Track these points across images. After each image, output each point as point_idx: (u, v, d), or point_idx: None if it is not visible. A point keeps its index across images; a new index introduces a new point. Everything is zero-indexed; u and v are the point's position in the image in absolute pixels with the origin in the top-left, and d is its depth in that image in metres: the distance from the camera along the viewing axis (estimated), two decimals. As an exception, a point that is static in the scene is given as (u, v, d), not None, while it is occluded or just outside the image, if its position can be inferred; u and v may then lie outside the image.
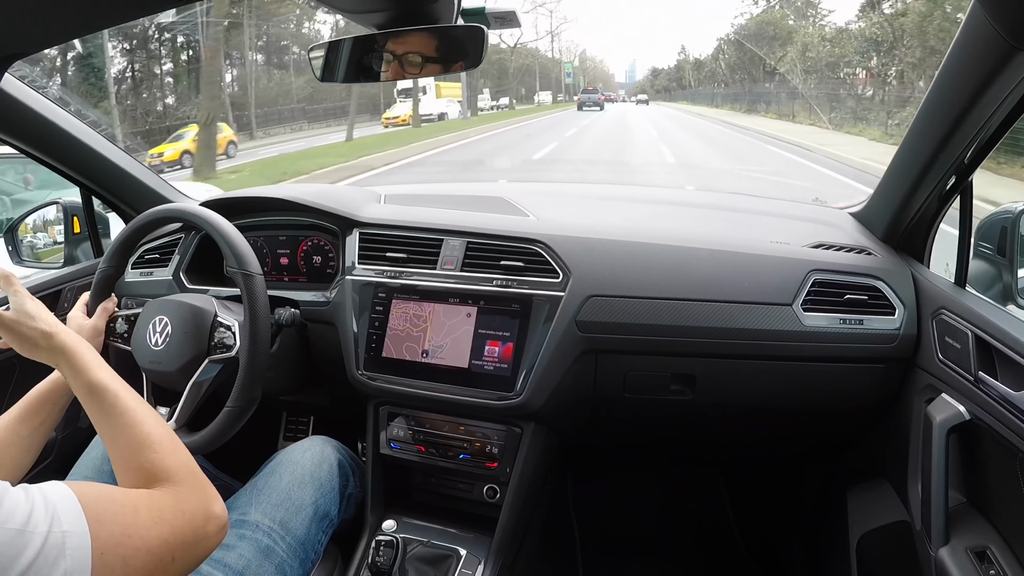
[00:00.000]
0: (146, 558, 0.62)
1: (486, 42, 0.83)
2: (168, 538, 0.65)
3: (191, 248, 1.47)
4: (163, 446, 0.75)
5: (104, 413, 0.78)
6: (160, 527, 0.65)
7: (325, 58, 0.92)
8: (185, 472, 0.74)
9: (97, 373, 0.81)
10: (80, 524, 0.57)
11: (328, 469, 1.18)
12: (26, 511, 0.55)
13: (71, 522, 0.57)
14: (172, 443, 0.77)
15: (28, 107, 1.25)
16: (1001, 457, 0.94)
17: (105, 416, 0.78)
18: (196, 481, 0.74)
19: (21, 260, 1.61)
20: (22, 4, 0.73)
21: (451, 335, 1.23)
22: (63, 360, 0.83)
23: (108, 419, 0.78)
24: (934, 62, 16.74)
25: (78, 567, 0.55)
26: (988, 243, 1.10)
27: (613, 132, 21.80)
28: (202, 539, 0.70)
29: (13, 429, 0.93)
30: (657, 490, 1.97)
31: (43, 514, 0.56)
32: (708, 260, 1.25)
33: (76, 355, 0.82)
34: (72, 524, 0.57)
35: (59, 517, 0.56)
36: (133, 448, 0.75)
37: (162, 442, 0.76)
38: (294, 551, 1.06)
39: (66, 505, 0.58)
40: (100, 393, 0.79)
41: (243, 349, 1.11)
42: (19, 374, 1.40)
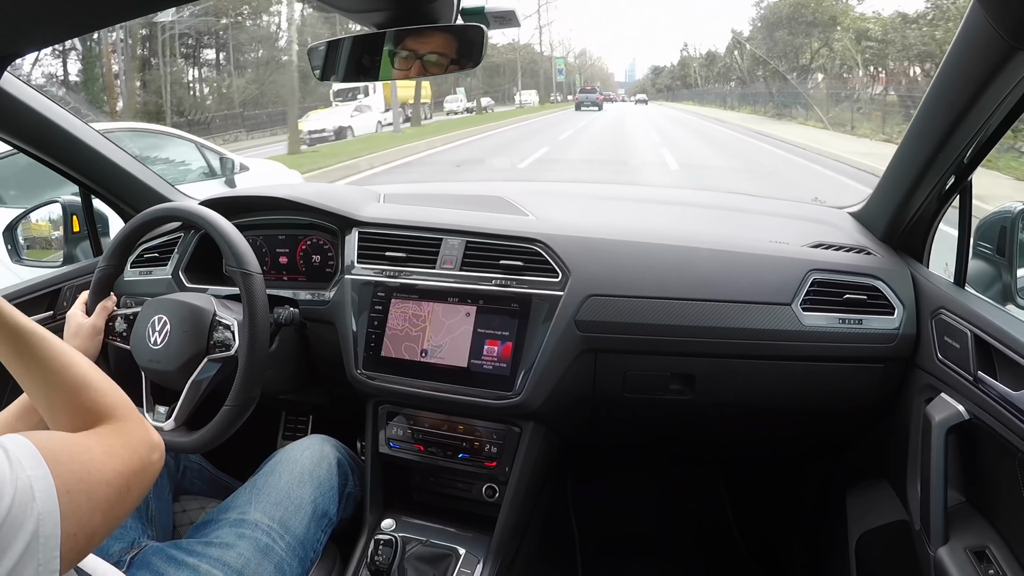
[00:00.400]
0: (107, 491, 0.65)
1: (486, 42, 0.83)
2: (122, 469, 0.68)
3: (190, 247, 1.47)
4: (100, 384, 0.77)
5: (32, 359, 0.77)
6: (113, 461, 0.67)
7: (325, 57, 0.92)
8: (125, 407, 0.76)
9: (19, 317, 0.80)
10: (42, 468, 0.59)
11: (327, 468, 1.18)
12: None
13: (33, 467, 0.59)
14: (106, 381, 0.78)
15: (27, 106, 1.25)
16: (1000, 457, 0.94)
17: (34, 362, 0.77)
18: (135, 416, 0.77)
19: (20, 259, 1.60)
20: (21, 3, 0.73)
21: (450, 335, 1.23)
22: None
23: (38, 365, 0.77)
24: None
25: (48, 509, 0.57)
26: (987, 243, 1.10)
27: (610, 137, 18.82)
28: (148, 466, 0.73)
29: (11, 426, 0.93)
30: (657, 490, 1.96)
31: (7, 465, 0.57)
32: (707, 260, 1.25)
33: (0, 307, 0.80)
34: (34, 468, 0.59)
35: (23, 464, 0.58)
36: (71, 388, 0.75)
37: (98, 380, 0.77)
38: (293, 550, 1.06)
39: (26, 454, 0.60)
40: (26, 336, 0.78)
41: (242, 348, 1.11)
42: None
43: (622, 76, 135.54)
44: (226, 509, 1.09)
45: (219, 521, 1.06)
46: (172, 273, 1.45)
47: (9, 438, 0.61)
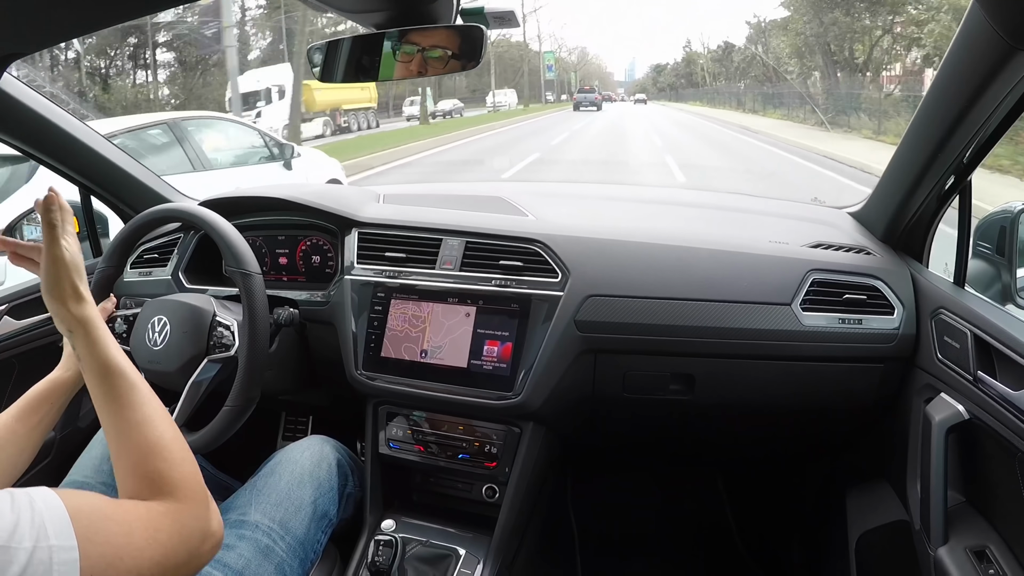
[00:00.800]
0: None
1: (485, 42, 0.83)
2: (161, 560, 0.62)
3: (190, 248, 1.47)
4: (173, 454, 0.71)
5: (116, 401, 0.73)
6: (154, 548, 0.62)
7: (324, 58, 0.92)
8: (191, 487, 0.70)
9: (115, 353, 0.76)
10: (69, 539, 0.54)
11: (327, 469, 1.18)
12: (11, 523, 0.52)
13: (59, 536, 0.54)
14: (182, 451, 0.73)
15: (27, 107, 1.25)
16: (1000, 457, 0.94)
17: (116, 405, 0.73)
18: (199, 497, 0.71)
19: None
20: (21, 4, 0.73)
21: (450, 335, 1.23)
22: (82, 329, 0.77)
23: (119, 410, 0.73)
24: None
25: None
26: (987, 243, 1.10)
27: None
28: (195, 558, 0.67)
29: (11, 428, 0.92)
30: (657, 490, 1.96)
31: (29, 527, 0.52)
32: (707, 260, 1.25)
33: (97, 330, 0.77)
34: (60, 538, 0.54)
35: (46, 530, 0.53)
36: (142, 451, 0.70)
37: (173, 449, 0.72)
38: (293, 551, 1.06)
39: (54, 518, 0.55)
40: (115, 377, 0.74)
41: (242, 348, 1.11)
42: (18, 375, 1.40)
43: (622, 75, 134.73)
44: (226, 510, 1.08)
45: None
46: (172, 274, 1.45)
47: (42, 495, 0.56)
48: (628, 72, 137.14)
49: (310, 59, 0.94)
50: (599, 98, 41.17)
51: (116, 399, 0.73)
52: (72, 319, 0.77)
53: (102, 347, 0.76)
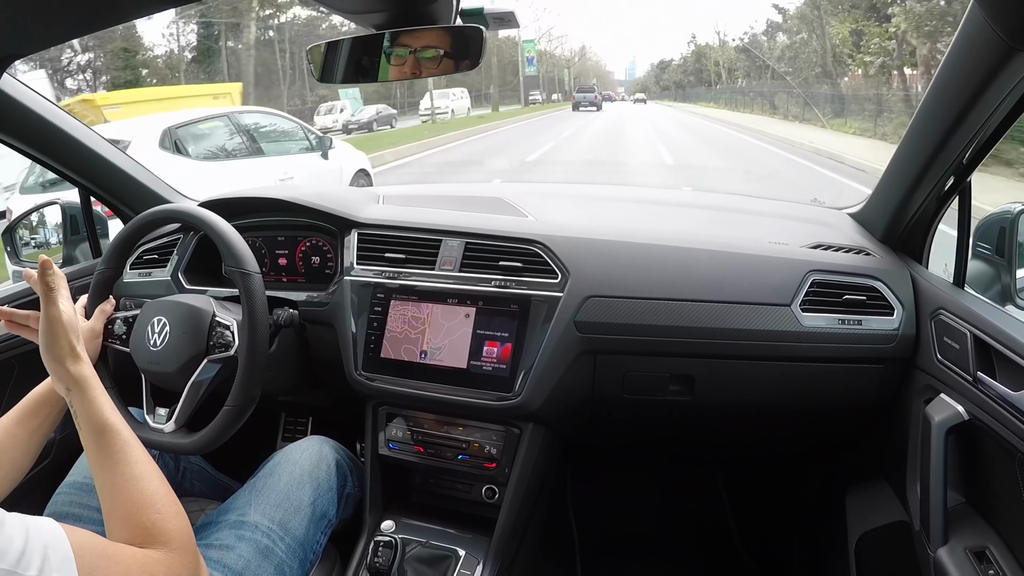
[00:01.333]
0: None
1: (485, 43, 0.83)
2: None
3: (189, 249, 1.47)
4: (167, 508, 0.75)
5: (109, 458, 0.76)
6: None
7: (324, 58, 0.92)
8: (183, 539, 0.74)
9: (110, 413, 0.80)
10: (71, 573, 0.57)
11: (326, 469, 1.18)
12: (19, 549, 0.55)
13: (61, 569, 0.56)
14: (174, 506, 0.76)
15: (27, 107, 1.25)
16: (1000, 457, 0.94)
17: (111, 462, 0.76)
18: (190, 549, 0.74)
19: (19, 260, 1.60)
20: (21, 5, 0.73)
21: (449, 337, 1.23)
22: (78, 389, 0.81)
23: (113, 466, 0.76)
24: None
25: None
26: (986, 244, 1.10)
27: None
28: None
29: (11, 431, 0.93)
30: (656, 490, 1.97)
31: (35, 555, 0.55)
32: (707, 261, 1.25)
33: (94, 389, 0.81)
34: (62, 572, 0.56)
35: (49, 562, 0.56)
36: (135, 504, 0.73)
37: (167, 503, 0.75)
38: (293, 551, 1.06)
39: (59, 551, 0.57)
40: (110, 436, 0.78)
41: (242, 348, 1.11)
42: (17, 376, 1.40)
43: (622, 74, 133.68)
44: (225, 511, 1.09)
45: (218, 523, 1.06)
46: (171, 275, 1.45)
47: (47, 526, 0.59)
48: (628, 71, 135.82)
49: (309, 60, 0.94)
50: (598, 98, 39.07)
51: (111, 456, 0.77)
52: (70, 378, 0.82)
53: (98, 406, 0.80)
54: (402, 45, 0.85)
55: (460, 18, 0.86)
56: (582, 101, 36.77)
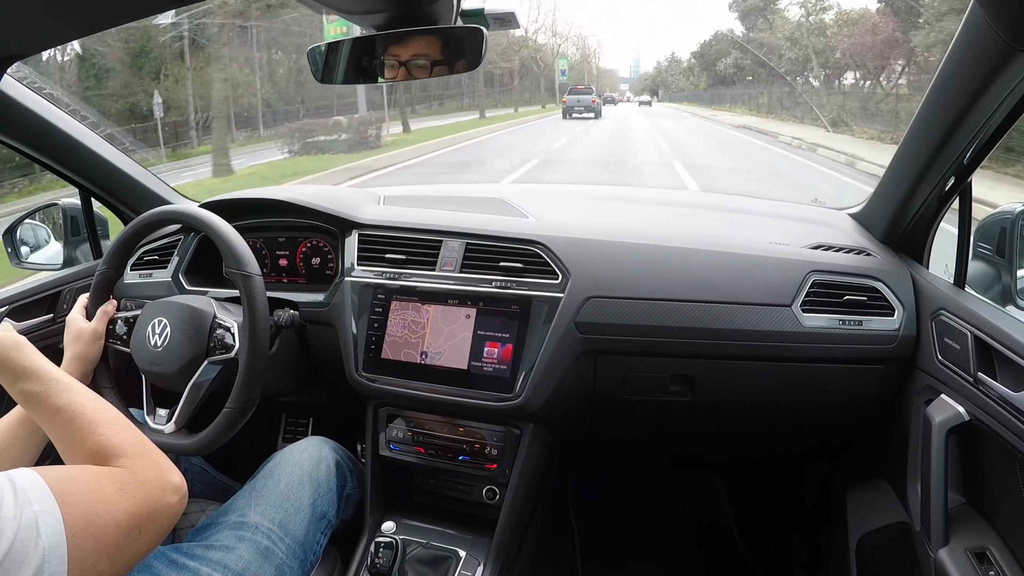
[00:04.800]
0: (115, 532, 0.64)
1: (485, 43, 0.83)
2: (133, 510, 0.67)
3: (190, 250, 1.47)
4: (108, 425, 0.77)
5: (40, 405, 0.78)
6: (124, 500, 0.67)
7: (324, 59, 0.92)
8: (136, 447, 0.76)
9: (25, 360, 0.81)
10: (50, 503, 0.59)
11: (325, 470, 1.18)
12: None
13: (41, 502, 0.59)
14: (117, 420, 0.78)
15: (27, 108, 1.25)
16: (1001, 458, 0.93)
17: (45, 418, 0.78)
18: (148, 454, 0.76)
19: (20, 262, 1.60)
20: (22, 6, 0.73)
21: (450, 340, 1.23)
22: (29, 402, 0.81)
23: (48, 419, 0.78)
24: None
25: (54, 544, 0.57)
26: (987, 244, 1.10)
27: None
28: (164, 508, 0.72)
29: (12, 431, 0.93)
30: (657, 490, 1.97)
31: (12, 499, 0.57)
32: (707, 261, 1.25)
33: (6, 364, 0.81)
34: (42, 504, 0.58)
35: (29, 499, 0.58)
36: (80, 436, 0.75)
37: (106, 421, 0.77)
38: (293, 552, 1.06)
39: (34, 487, 0.60)
40: (32, 399, 0.79)
41: (242, 350, 1.11)
42: None
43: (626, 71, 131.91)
44: (225, 512, 1.08)
45: (219, 524, 1.06)
46: (172, 276, 1.45)
47: (19, 471, 0.61)
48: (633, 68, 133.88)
49: (310, 61, 0.94)
50: (596, 101, 27.85)
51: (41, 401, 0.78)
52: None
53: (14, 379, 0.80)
54: (402, 46, 0.85)
55: (460, 19, 0.86)
56: (575, 106, 26.82)
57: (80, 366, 1.14)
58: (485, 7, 0.87)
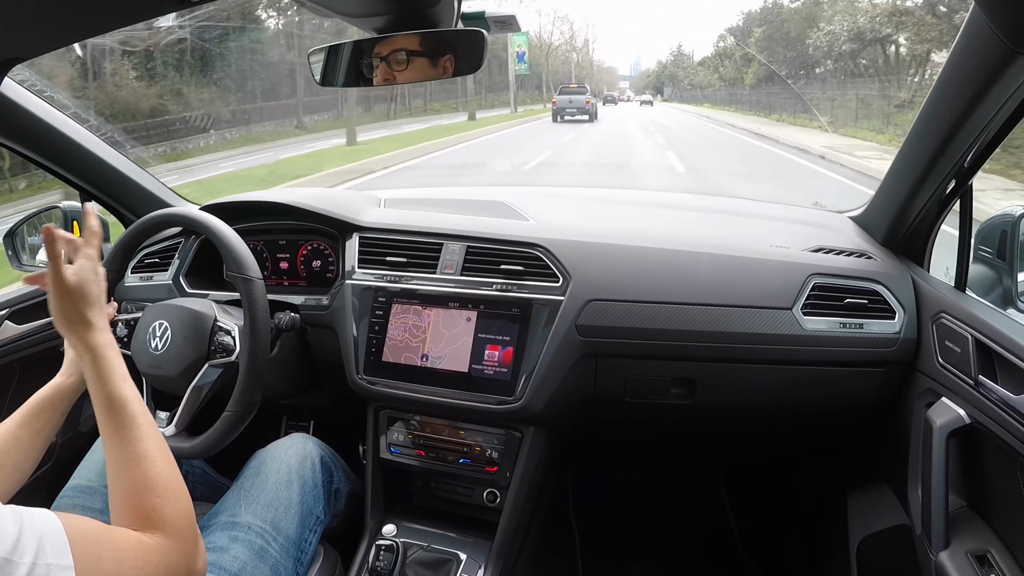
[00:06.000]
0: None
1: (486, 46, 0.83)
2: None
3: (191, 252, 1.47)
4: (168, 492, 0.74)
5: (117, 433, 0.76)
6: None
7: (325, 62, 0.92)
8: (182, 525, 0.73)
9: (121, 384, 0.79)
10: (66, 559, 0.57)
11: (311, 466, 1.18)
12: (13, 537, 0.55)
13: (56, 555, 0.56)
14: (177, 490, 0.75)
15: (28, 111, 1.25)
16: (1001, 461, 0.93)
17: (116, 437, 0.76)
18: (188, 536, 0.73)
19: (21, 265, 1.60)
20: (23, 8, 0.73)
21: (451, 343, 1.23)
22: (91, 357, 0.80)
23: (119, 442, 0.75)
24: None
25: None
26: (988, 247, 1.10)
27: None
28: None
29: (14, 434, 0.93)
30: (657, 491, 1.97)
31: (30, 543, 0.55)
32: (708, 264, 1.25)
33: (106, 359, 0.80)
34: (58, 558, 0.56)
35: (45, 548, 0.56)
36: (138, 485, 0.73)
37: (168, 487, 0.74)
38: (287, 551, 1.06)
39: (53, 537, 0.57)
40: (117, 408, 0.77)
41: (243, 354, 1.11)
42: (19, 377, 1.40)
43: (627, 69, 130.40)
44: (216, 513, 1.08)
45: (210, 526, 1.06)
46: (173, 278, 1.45)
47: (42, 515, 0.59)
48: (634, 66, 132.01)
49: (310, 63, 0.94)
50: (590, 102, 24.72)
51: (118, 430, 0.76)
52: (81, 346, 0.81)
53: (108, 376, 0.79)
54: (403, 49, 0.85)
55: (461, 21, 0.86)
56: (566, 107, 24.13)
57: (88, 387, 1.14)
58: (485, 10, 0.88)
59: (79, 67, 14.44)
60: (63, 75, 14.27)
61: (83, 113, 11.48)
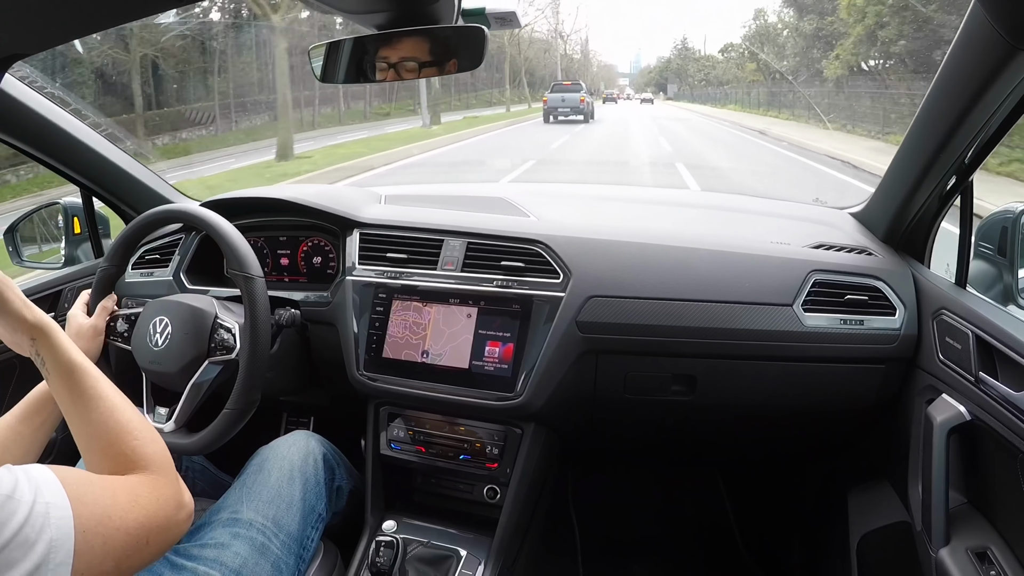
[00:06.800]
0: (124, 539, 0.65)
1: (486, 43, 0.83)
2: (144, 521, 0.68)
3: (191, 249, 1.47)
4: (143, 433, 0.78)
5: (80, 396, 0.78)
6: (137, 511, 0.68)
7: (325, 58, 0.92)
8: (162, 461, 0.77)
9: (75, 354, 0.81)
10: (62, 499, 0.60)
11: (313, 464, 1.18)
12: (12, 481, 0.58)
13: (53, 495, 0.60)
14: (150, 431, 0.79)
15: (28, 107, 1.25)
16: (1002, 458, 0.93)
17: (82, 400, 0.78)
18: (170, 470, 0.77)
19: (21, 260, 1.61)
20: (23, 4, 0.73)
21: (452, 341, 1.23)
22: (43, 336, 0.82)
23: (85, 403, 0.78)
24: None
25: (62, 536, 0.58)
26: (988, 243, 1.10)
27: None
28: (173, 525, 0.73)
29: (15, 429, 0.93)
30: (657, 490, 1.97)
31: (27, 487, 0.58)
32: (708, 261, 1.25)
33: (55, 333, 0.82)
34: (54, 497, 0.59)
35: (42, 491, 0.59)
36: (113, 434, 0.76)
37: (141, 429, 0.78)
38: (289, 548, 1.06)
39: (48, 482, 0.61)
40: (79, 374, 0.79)
41: (243, 351, 1.11)
42: (20, 374, 1.40)
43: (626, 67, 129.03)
44: (218, 510, 1.08)
45: (212, 522, 1.06)
46: (173, 274, 1.45)
47: (33, 467, 0.62)
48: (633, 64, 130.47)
49: (310, 60, 0.94)
50: (585, 100, 22.04)
51: (83, 394, 0.78)
52: (30, 328, 0.82)
53: (63, 350, 0.81)
54: (403, 45, 0.85)
55: (462, 18, 0.86)
56: (558, 106, 21.64)
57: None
58: (486, 7, 0.88)
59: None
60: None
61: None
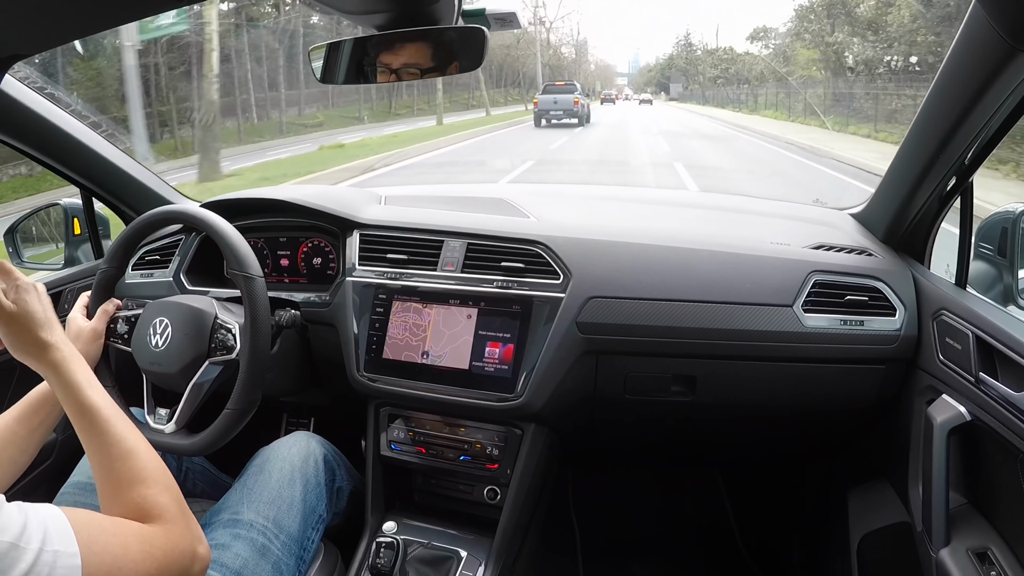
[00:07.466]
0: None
1: (486, 44, 0.83)
2: (155, 573, 0.66)
3: (191, 249, 1.47)
4: (157, 482, 0.76)
5: (94, 438, 0.77)
6: (148, 564, 0.66)
7: (325, 59, 0.92)
8: (177, 510, 0.75)
9: (89, 393, 0.80)
10: (72, 546, 0.58)
11: (314, 465, 1.18)
12: (20, 525, 0.56)
13: (62, 542, 0.58)
14: (165, 478, 0.77)
15: (28, 108, 1.25)
16: (1002, 458, 0.93)
17: (95, 442, 0.77)
18: (186, 520, 0.75)
19: (22, 261, 1.61)
20: (23, 4, 0.73)
21: (452, 341, 1.23)
22: (54, 375, 0.81)
23: (100, 447, 0.77)
24: None
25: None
26: (988, 244, 1.10)
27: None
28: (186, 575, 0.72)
29: (11, 429, 0.93)
30: (657, 490, 1.97)
31: (36, 531, 0.56)
32: (709, 261, 1.25)
33: (69, 373, 0.81)
34: (64, 544, 0.57)
35: (51, 536, 0.57)
36: (125, 481, 0.74)
37: (156, 477, 0.76)
38: (289, 549, 1.06)
39: (58, 527, 0.59)
40: (91, 415, 0.78)
41: (243, 352, 1.11)
42: (19, 375, 1.40)
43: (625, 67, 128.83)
44: (218, 511, 1.08)
45: (212, 523, 1.06)
46: (173, 275, 1.45)
47: (45, 507, 0.60)
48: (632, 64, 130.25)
49: (310, 60, 0.94)
50: (579, 102, 20.57)
51: (96, 436, 0.77)
52: (41, 368, 0.82)
53: (75, 389, 0.80)
54: (403, 46, 0.85)
55: (462, 19, 0.86)
56: (550, 109, 20.15)
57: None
58: (486, 7, 0.88)
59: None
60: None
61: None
